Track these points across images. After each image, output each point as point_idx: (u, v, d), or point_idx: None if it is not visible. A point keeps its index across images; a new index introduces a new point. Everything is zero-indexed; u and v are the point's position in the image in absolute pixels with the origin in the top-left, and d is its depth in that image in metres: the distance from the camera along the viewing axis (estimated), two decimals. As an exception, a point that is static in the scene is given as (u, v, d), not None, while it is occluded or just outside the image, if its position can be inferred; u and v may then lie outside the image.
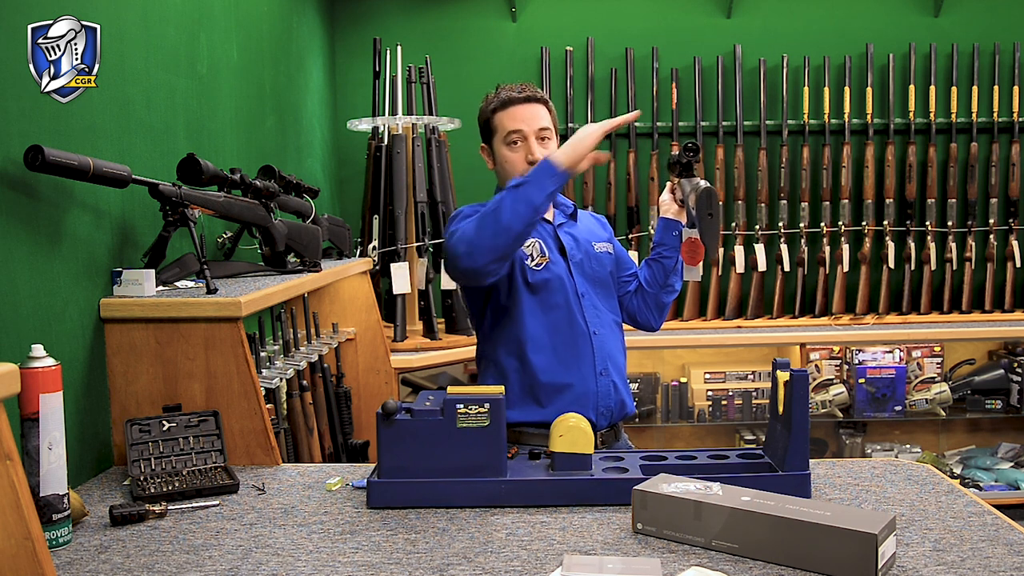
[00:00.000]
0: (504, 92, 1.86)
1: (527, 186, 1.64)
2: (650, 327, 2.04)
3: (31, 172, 1.43)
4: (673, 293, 2.01)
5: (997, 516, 1.35)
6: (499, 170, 1.89)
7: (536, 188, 1.63)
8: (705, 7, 3.86)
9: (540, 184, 1.64)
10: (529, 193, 1.63)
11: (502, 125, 1.84)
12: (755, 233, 3.75)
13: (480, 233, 1.64)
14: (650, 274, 1.99)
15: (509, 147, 1.84)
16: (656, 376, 3.69)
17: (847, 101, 3.74)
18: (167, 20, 2.03)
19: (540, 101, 1.86)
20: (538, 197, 1.64)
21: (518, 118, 1.83)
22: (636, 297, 2.01)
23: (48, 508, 1.24)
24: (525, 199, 1.63)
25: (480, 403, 1.42)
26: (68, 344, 1.55)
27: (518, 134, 1.83)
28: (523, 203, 1.63)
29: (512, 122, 1.83)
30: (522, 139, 1.83)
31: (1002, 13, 3.83)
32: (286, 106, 3.06)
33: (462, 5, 3.87)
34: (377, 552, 1.25)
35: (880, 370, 3.58)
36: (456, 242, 1.68)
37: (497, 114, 1.85)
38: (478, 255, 1.64)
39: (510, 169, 1.84)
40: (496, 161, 1.88)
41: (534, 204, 1.63)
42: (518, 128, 1.82)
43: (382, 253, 3.15)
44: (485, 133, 1.90)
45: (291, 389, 2.22)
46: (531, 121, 1.83)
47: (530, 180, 1.65)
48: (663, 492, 1.28)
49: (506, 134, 1.83)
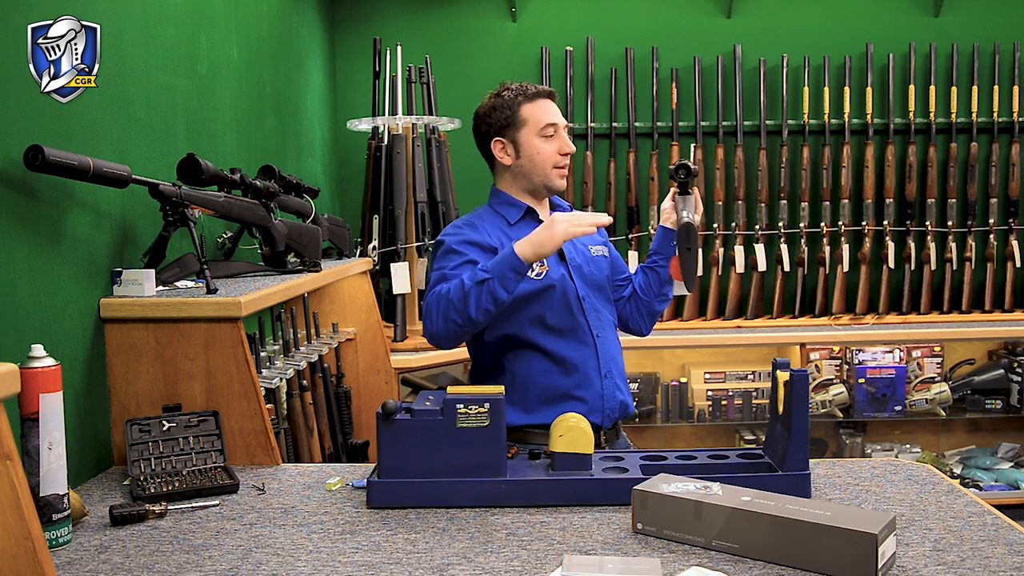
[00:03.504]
0: (527, 86, 1.87)
1: (492, 282, 1.65)
2: (640, 333, 2.05)
3: (31, 172, 1.43)
4: (666, 302, 2.01)
5: (997, 516, 1.35)
6: (525, 163, 1.86)
7: (500, 283, 1.66)
8: (705, 7, 3.86)
9: (504, 279, 1.66)
10: (494, 288, 1.65)
11: (535, 117, 1.85)
12: (755, 233, 3.75)
13: (444, 320, 1.69)
14: (645, 281, 1.99)
15: (545, 139, 1.85)
16: (656, 376, 3.69)
17: (847, 101, 3.74)
18: (167, 20, 2.03)
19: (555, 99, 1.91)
20: (503, 293, 1.66)
21: (551, 111, 1.86)
22: (629, 304, 2.01)
23: (48, 508, 1.24)
24: (490, 294, 1.66)
25: (480, 403, 1.42)
26: (68, 344, 1.55)
27: (553, 127, 1.85)
28: (487, 297, 1.66)
29: (546, 115, 1.85)
30: (556, 131, 1.85)
31: (1002, 13, 3.83)
32: (286, 106, 3.06)
33: (462, 5, 3.87)
34: (377, 552, 1.25)
35: (880, 370, 3.57)
36: (425, 317, 1.73)
37: (525, 106, 1.85)
38: (439, 339, 1.72)
39: (541, 162, 1.85)
40: (523, 154, 1.86)
41: (500, 299, 1.66)
42: (553, 121, 1.85)
43: (382, 253, 3.15)
44: (504, 127, 1.86)
45: (291, 389, 2.22)
46: (559, 116, 1.88)
47: (495, 275, 1.66)
48: (663, 492, 1.28)
49: (543, 126, 1.84)
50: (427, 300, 1.73)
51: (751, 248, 3.75)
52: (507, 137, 1.87)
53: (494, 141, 1.87)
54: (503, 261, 1.67)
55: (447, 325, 1.69)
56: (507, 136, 1.86)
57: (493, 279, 1.65)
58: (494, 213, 1.89)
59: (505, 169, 1.89)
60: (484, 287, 1.65)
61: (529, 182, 1.88)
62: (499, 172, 1.92)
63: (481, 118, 1.89)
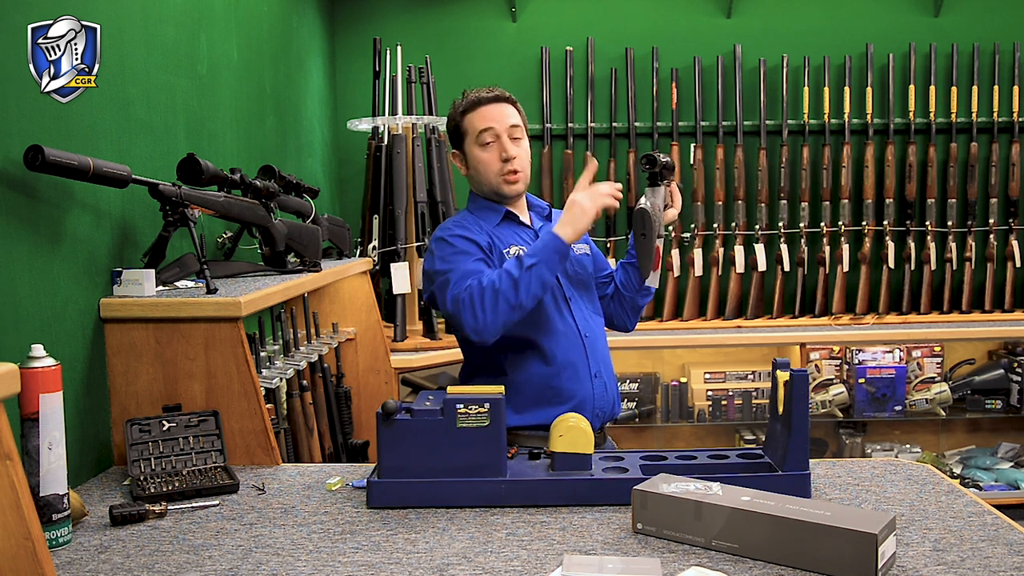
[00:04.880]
0: (472, 94, 1.85)
1: (540, 266, 1.67)
2: (625, 329, 2.05)
3: (31, 172, 1.43)
4: (648, 296, 2.01)
5: (997, 516, 1.35)
6: (473, 174, 1.86)
7: (547, 267, 1.67)
8: (705, 7, 3.86)
9: (551, 263, 1.68)
10: (542, 273, 1.67)
11: (472, 126, 1.83)
12: (755, 233, 3.75)
13: (495, 313, 1.65)
14: (625, 277, 1.99)
15: (482, 147, 1.82)
16: (656, 376, 3.69)
17: (847, 101, 3.74)
18: (167, 20, 2.03)
19: (508, 100, 1.85)
20: (550, 276, 1.68)
21: (488, 117, 1.82)
22: (613, 302, 2.01)
23: (48, 508, 1.24)
24: (539, 278, 1.67)
25: (480, 403, 1.42)
26: (68, 344, 1.55)
27: (490, 132, 1.81)
28: (536, 282, 1.66)
29: (482, 121, 1.82)
30: (494, 137, 1.81)
31: (1002, 13, 3.83)
32: (286, 106, 3.06)
33: (462, 5, 3.87)
34: (377, 552, 1.25)
35: (880, 370, 3.58)
36: (463, 313, 1.67)
37: (466, 116, 1.84)
38: (487, 333, 1.68)
39: (484, 171, 1.83)
40: (469, 165, 1.86)
41: (547, 283, 1.68)
42: (489, 126, 1.81)
43: (382, 253, 3.15)
44: (455, 138, 1.87)
45: (291, 389, 2.22)
46: (502, 119, 1.82)
47: (542, 259, 1.67)
48: (663, 492, 1.28)
49: (478, 134, 1.82)
50: (458, 296, 1.68)
51: (751, 248, 3.75)
52: (458, 148, 1.87)
53: (452, 154, 1.90)
54: (547, 245, 1.69)
55: (496, 316, 1.66)
56: (457, 147, 1.87)
57: (540, 263, 1.67)
58: (476, 218, 1.87)
59: (468, 178, 1.90)
60: (532, 272, 1.66)
61: (482, 191, 1.88)
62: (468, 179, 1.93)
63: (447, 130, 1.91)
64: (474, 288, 1.67)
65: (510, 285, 1.65)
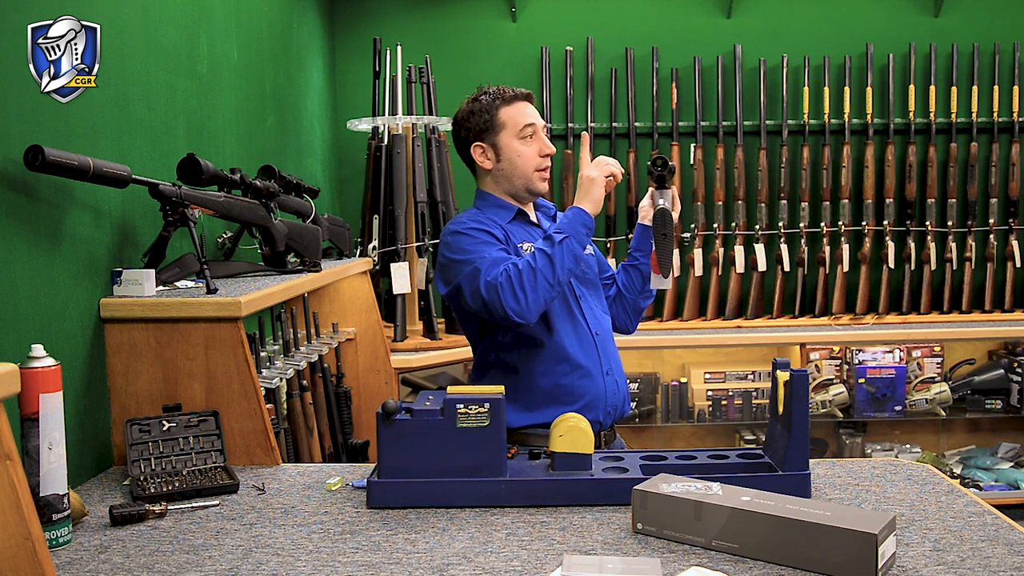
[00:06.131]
0: (503, 89, 1.86)
1: (570, 240, 1.71)
2: (626, 331, 2.06)
3: (31, 172, 1.43)
4: (650, 298, 2.02)
5: (997, 516, 1.35)
6: (505, 167, 1.85)
7: (577, 240, 1.72)
8: (705, 7, 3.86)
9: (579, 236, 1.73)
10: (573, 246, 1.71)
11: (513, 120, 1.84)
12: (755, 233, 3.75)
13: (536, 292, 1.67)
14: (627, 279, 2.00)
15: (523, 141, 1.85)
16: (656, 376, 3.69)
17: (847, 101, 3.74)
18: (167, 20, 2.03)
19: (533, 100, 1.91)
20: (580, 249, 1.73)
21: (528, 113, 1.86)
22: (615, 304, 2.02)
23: (48, 508, 1.24)
24: (571, 252, 1.71)
25: (480, 403, 1.42)
26: (68, 344, 1.55)
27: (531, 128, 1.85)
28: (569, 256, 1.71)
29: (523, 116, 1.85)
30: (533, 133, 1.85)
31: (1002, 13, 3.83)
32: (286, 106, 3.06)
33: (462, 5, 3.87)
34: (377, 552, 1.25)
35: (880, 370, 3.58)
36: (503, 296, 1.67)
37: (504, 109, 1.84)
38: (531, 313, 1.69)
39: (522, 164, 1.84)
40: (504, 157, 1.85)
41: (578, 256, 1.72)
42: (531, 122, 1.85)
43: (382, 253, 3.15)
44: (483, 131, 1.85)
45: (291, 389, 2.22)
46: (537, 117, 1.87)
47: (571, 233, 1.71)
48: (663, 492, 1.28)
49: (521, 128, 1.84)
50: (495, 281, 1.67)
51: (751, 248, 3.75)
52: (486, 141, 1.86)
53: (474, 146, 1.87)
54: (573, 220, 1.73)
55: (537, 295, 1.67)
56: (486, 140, 1.86)
57: (570, 237, 1.71)
58: (487, 215, 1.86)
59: (486, 173, 1.89)
60: (565, 246, 1.70)
61: (511, 185, 1.87)
62: (481, 176, 1.91)
63: (460, 123, 1.89)
64: (511, 271, 1.68)
65: (546, 262, 1.68)
